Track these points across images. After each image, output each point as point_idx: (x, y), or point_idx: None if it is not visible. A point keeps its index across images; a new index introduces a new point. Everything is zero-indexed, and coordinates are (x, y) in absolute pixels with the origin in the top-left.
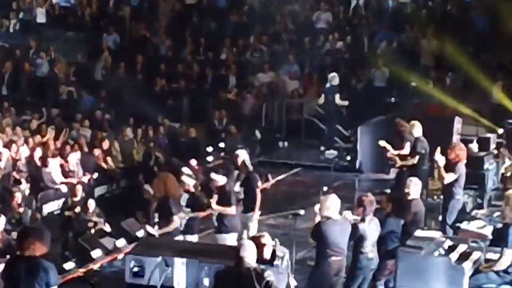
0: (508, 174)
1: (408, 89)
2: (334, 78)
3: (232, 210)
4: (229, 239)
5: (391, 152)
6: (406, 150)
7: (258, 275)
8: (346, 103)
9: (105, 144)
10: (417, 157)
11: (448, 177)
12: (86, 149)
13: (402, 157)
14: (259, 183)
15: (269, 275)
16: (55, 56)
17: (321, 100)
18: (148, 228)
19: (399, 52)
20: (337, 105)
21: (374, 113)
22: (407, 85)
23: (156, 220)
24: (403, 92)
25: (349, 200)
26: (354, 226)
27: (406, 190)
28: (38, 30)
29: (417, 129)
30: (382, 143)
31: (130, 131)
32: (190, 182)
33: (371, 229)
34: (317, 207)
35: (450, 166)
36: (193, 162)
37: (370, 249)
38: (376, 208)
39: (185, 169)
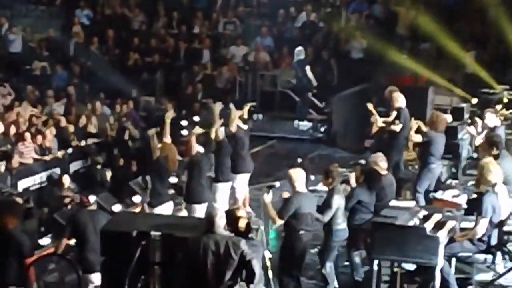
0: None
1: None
2: (300, 53)
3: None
4: (200, 209)
5: (377, 118)
6: (392, 118)
7: (234, 244)
8: (314, 82)
9: (83, 120)
10: (400, 125)
11: (416, 137)
12: (61, 125)
13: (386, 124)
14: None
15: (245, 245)
16: (28, 32)
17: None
18: None
19: (373, 23)
20: (309, 78)
21: (350, 85)
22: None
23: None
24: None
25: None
26: (327, 199)
27: (375, 167)
28: (10, 5)
29: (401, 100)
30: (370, 106)
31: (100, 105)
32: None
33: (341, 200)
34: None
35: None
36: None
37: (342, 220)
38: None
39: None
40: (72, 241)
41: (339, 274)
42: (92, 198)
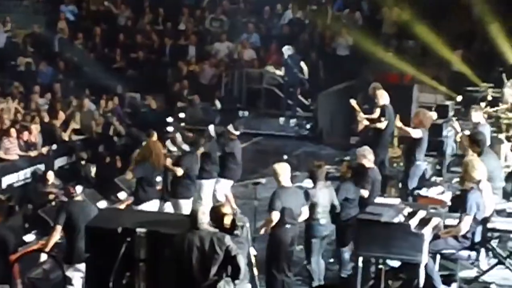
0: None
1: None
2: (288, 50)
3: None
4: (185, 204)
5: (361, 115)
6: (376, 115)
7: (219, 240)
8: (306, 76)
9: (61, 116)
10: (385, 123)
11: (415, 133)
12: (46, 120)
13: (370, 121)
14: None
15: (230, 240)
16: (12, 27)
17: (281, 71)
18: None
19: (358, 20)
20: (303, 73)
21: (336, 82)
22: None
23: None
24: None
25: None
26: (305, 193)
27: (359, 162)
28: None
29: (385, 97)
30: (353, 102)
31: (88, 102)
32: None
33: (322, 195)
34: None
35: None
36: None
37: (322, 216)
38: (336, 176)
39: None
40: (57, 238)
41: (325, 270)
42: (78, 189)
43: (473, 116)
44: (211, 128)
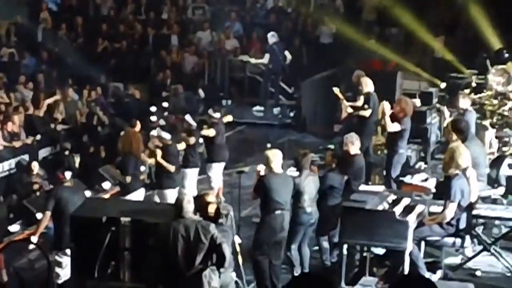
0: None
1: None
2: (273, 37)
3: (172, 167)
4: (171, 194)
5: (345, 103)
6: (360, 103)
7: (204, 229)
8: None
9: (44, 106)
10: (369, 110)
11: (393, 127)
12: (29, 111)
13: (355, 109)
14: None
15: (214, 229)
16: None
17: (265, 58)
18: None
19: (340, 8)
20: (287, 61)
21: (319, 70)
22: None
23: None
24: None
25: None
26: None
27: (346, 148)
28: None
29: (369, 84)
30: (336, 90)
31: (72, 92)
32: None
33: (308, 183)
34: (259, 167)
35: (396, 120)
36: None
37: (308, 204)
38: (321, 164)
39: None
40: (46, 223)
41: (310, 258)
42: (68, 175)
43: (461, 102)
44: (188, 117)
